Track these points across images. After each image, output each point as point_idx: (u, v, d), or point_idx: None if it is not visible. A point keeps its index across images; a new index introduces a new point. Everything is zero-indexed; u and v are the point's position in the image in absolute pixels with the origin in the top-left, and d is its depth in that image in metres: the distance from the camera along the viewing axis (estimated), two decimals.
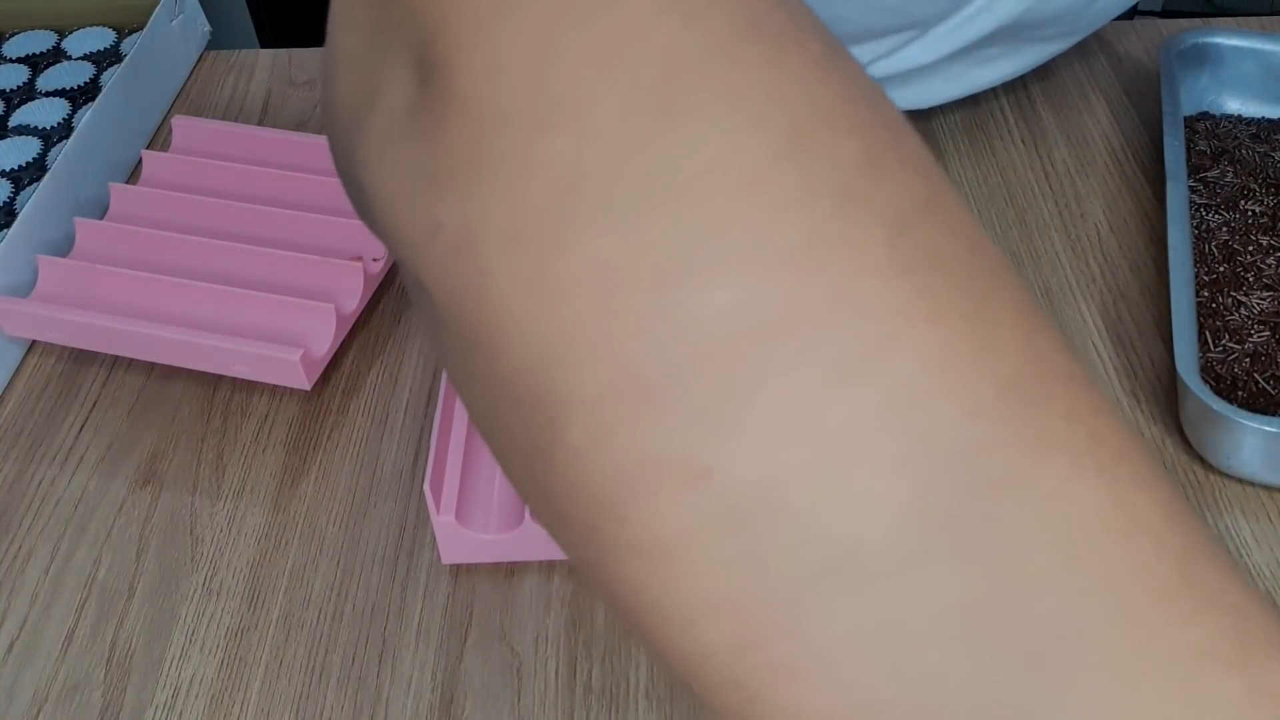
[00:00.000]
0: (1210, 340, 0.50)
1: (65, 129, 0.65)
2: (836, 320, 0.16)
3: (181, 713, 0.42)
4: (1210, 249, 0.54)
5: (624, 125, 0.17)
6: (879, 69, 0.59)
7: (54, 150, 0.64)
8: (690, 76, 0.17)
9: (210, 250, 0.56)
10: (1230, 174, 0.58)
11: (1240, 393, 0.48)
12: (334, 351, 0.53)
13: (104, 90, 0.62)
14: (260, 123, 0.69)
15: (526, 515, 0.44)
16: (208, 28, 0.74)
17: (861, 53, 0.58)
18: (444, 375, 0.48)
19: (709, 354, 0.16)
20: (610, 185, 0.17)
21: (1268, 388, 0.48)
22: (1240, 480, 0.48)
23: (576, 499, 0.17)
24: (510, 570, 0.46)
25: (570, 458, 0.17)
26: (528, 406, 0.17)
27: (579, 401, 0.17)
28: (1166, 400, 0.51)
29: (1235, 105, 0.64)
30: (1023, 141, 0.65)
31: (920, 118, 0.67)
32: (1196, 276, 0.53)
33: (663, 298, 0.16)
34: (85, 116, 0.60)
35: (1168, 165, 0.56)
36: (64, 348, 0.55)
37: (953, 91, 0.64)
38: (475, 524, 0.45)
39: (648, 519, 0.17)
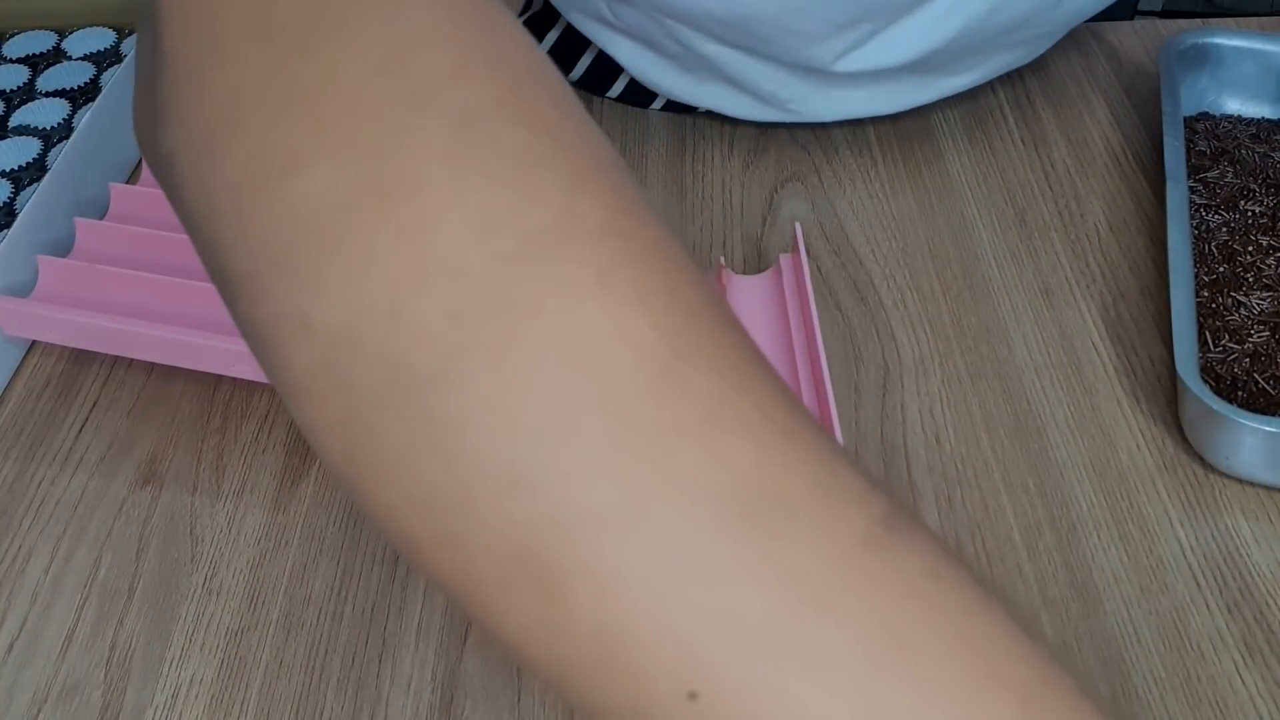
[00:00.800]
0: (1210, 340, 0.50)
1: (65, 129, 0.65)
2: (400, 192, 0.21)
3: (181, 713, 0.42)
4: (1210, 249, 0.54)
5: (262, 58, 0.23)
6: (849, 64, 0.59)
7: (54, 150, 0.64)
8: (312, 21, 0.23)
9: None
10: (1230, 174, 0.58)
11: (1240, 393, 0.48)
12: None
13: (104, 90, 0.62)
14: None
15: None
16: None
17: (828, 48, 0.58)
18: None
19: (311, 225, 0.22)
20: (248, 102, 0.23)
21: (1268, 388, 0.48)
22: (1240, 480, 0.48)
23: (254, 352, 0.24)
24: None
25: (241, 322, 0.24)
26: (219, 282, 0.25)
27: (239, 277, 0.23)
28: (1166, 400, 0.51)
29: (1235, 105, 0.64)
30: (1023, 141, 0.65)
31: (920, 118, 0.67)
32: (1196, 276, 0.53)
33: (282, 184, 0.22)
34: (85, 116, 0.60)
35: (1168, 165, 0.56)
36: (64, 348, 0.55)
37: (925, 96, 0.64)
38: None
39: (279, 365, 0.23)
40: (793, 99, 0.63)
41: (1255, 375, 0.49)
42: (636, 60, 0.64)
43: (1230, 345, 0.50)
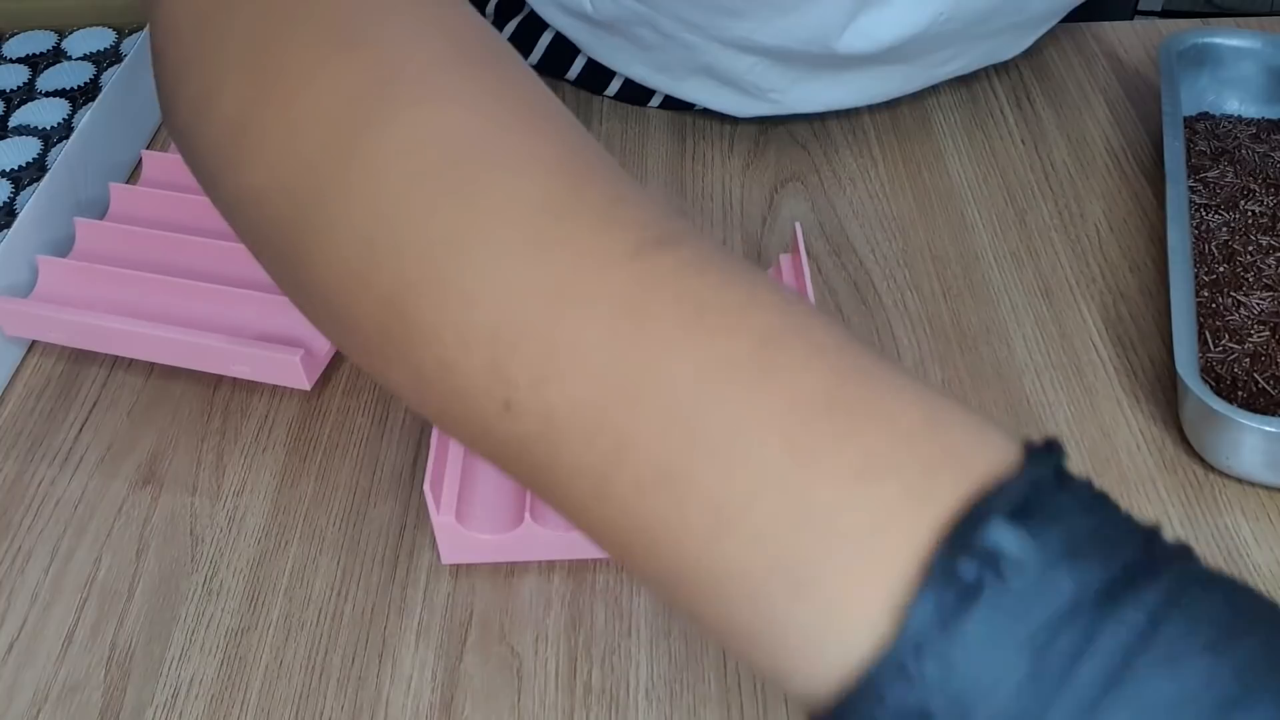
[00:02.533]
0: (1210, 340, 0.50)
1: (65, 129, 0.65)
2: (284, 81, 0.29)
3: (181, 713, 0.42)
4: (1210, 249, 0.54)
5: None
6: (850, 44, 0.58)
7: (54, 150, 0.64)
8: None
9: (210, 250, 0.56)
10: (1230, 174, 0.58)
11: (1240, 393, 0.48)
12: (334, 351, 0.53)
13: (104, 90, 0.62)
14: None
15: (526, 515, 0.44)
16: None
17: (808, 19, 0.57)
18: None
19: (231, 128, 0.30)
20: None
21: (1268, 388, 0.48)
22: (1240, 480, 0.48)
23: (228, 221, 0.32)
24: (510, 570, 0.46)
25: (218, 201, 0.32)
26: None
27: (202, 172, 0.32)
28: (1166, 400, 0.51)
29: (1235, 105, 0.64)
30: (1023, 141, 0.65)
31: (920, 118, 0.67)
32: (1196, 276, 0.53)
33: (208, 107, 0.31)
34: (85, 116, 0.60)
35: (1168, 165, 0.56)
36: (64, 348, 0.55)
37: (908, 86, 0.65)
38: (475, 524, 0.45)
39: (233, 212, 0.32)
40: (774, 89, 0.62)
41: (1255, 375, 0.49)
42: (616, 57, 0.64)
43: (1230, 345, 0.50)
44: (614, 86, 0.68)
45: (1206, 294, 0.52)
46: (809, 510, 0.22)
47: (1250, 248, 0.54)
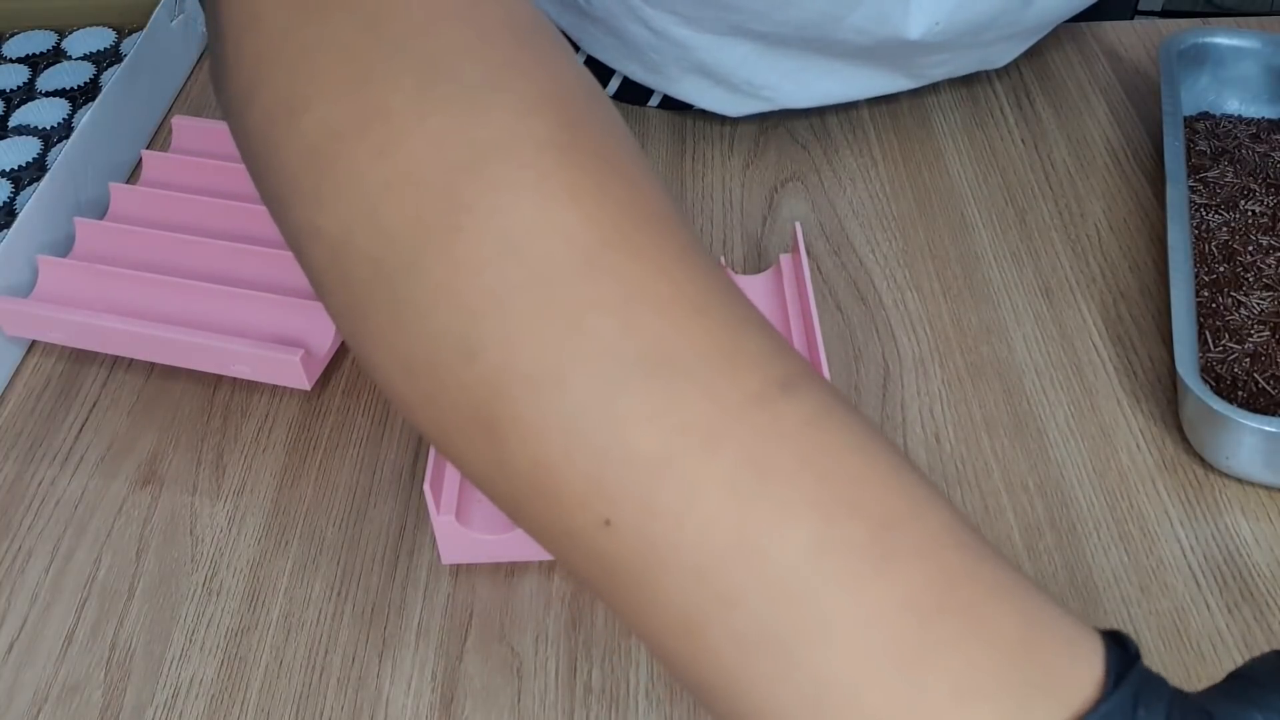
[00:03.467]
0: (1210, 340, 0.50)
1: (65, 129, 0.65)
2: (374, 122, 0.27)
3: (181, 713, 0.42)
4: (1210, 249, 0.54)
5: (282, 23, 0.29)
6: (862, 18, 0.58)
7: (54, 150, 0.64)
8: None
9: (210, 250, 0.56)
10: (1230, 174, 0.58)
11: (1240, 393, 0.48)
12: (334, 351, 0.53)
13: (104, 90, 0.62)
14: None
15: None
16: None
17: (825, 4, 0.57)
18: None
19: (312, 154, 0.28)
20: (269, 59, 0.29)
21: (1268, 388, 0.48)
22: (1240, 480, 0.48)
23: (295, 255, 0.30)
24: (510, 570, 0.46)
25: (281, 233, 0.30)
26: (265, 202, 0.30)
27: (272, 198, 0.29)
28: (1166, 400, 0.51)
29: (1235, 105, 0.64)
30: (1023, 141, 0.65)
31: (920, 118, 0.67)
32: (1196, 276, 0.53)
33: (290, 123, 0.28)
34: (85, 116, 0.60)
35: (1168, 165, 0.56)
36: (64, 348, 0.55)
37: (898, 85, 0.65)
38: (475, 524, 0.45)
39: (305, 265, 0.29)
40: (766, 85, 0.62)
41: (1255, 375, 0.49)
42: (610, 56, 0.64)
43: (1230, 345, 0.50)
44: (613, 86, 0.68)
45: (1206, 294, 0.52)
46: (907, 715, 0.22)
47: (1250, 248, 0.54)
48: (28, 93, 0.68)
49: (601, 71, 0.67)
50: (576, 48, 0.67)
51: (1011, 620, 0.23)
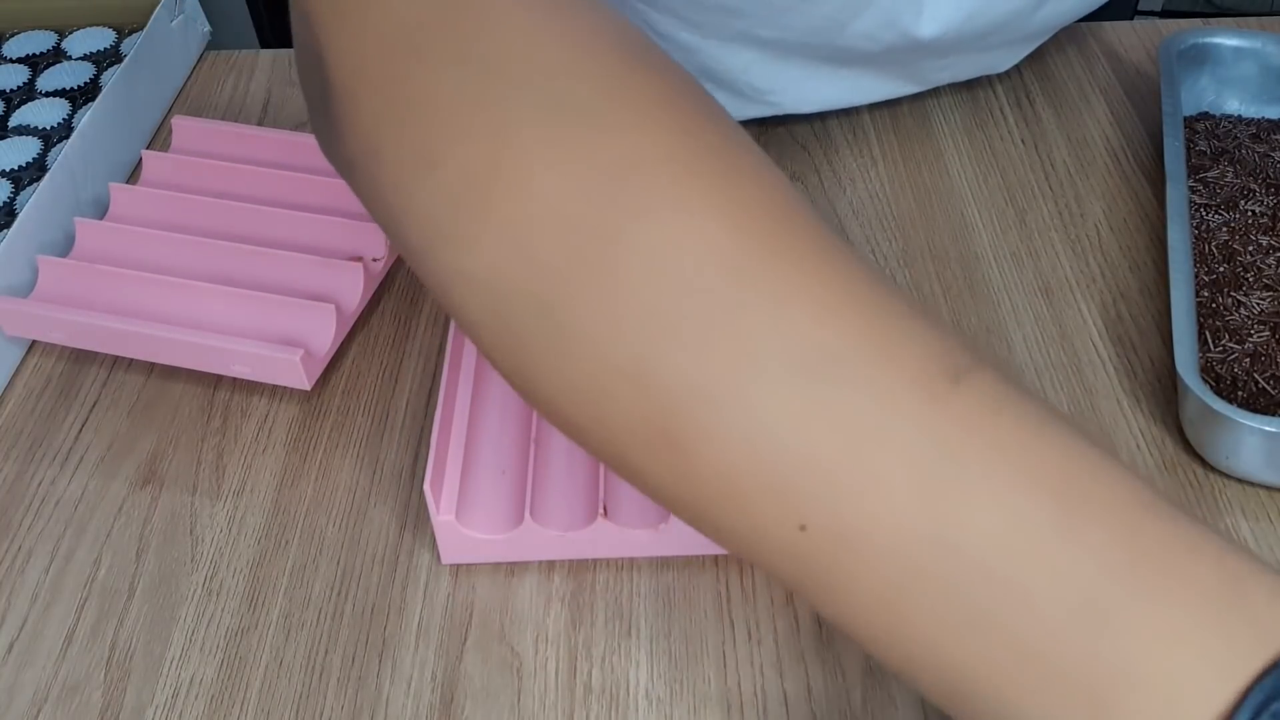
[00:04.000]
0: (1210, 340, 0.50)
1: (65, 129, 0.65)
2: (505, 166, 0.28)
3: (181, 713, 0.42)
4: (1210, 249, 0.54)
5: (397, 79, 0.30)
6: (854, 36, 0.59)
7: (54, 150, 0.64)
8: (435, 45, 0.30)
9: (210, 250, 0.56)
10: (1230, 174, 0.58)
11: (1240, 393, 0.48)
12: (334, 351, 0.53)
13: (104, 90, 0.62)
14: (260, 123, 0.69)
15: (527, 515, 0.44)
16: (208, 28, 0.74)
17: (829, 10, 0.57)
18: (444, 376, 0.48)
19: (455, 202, 0.29)
20: (390, 116, 0.30)
21: (1268, 388, 0.48)
22: (1240, 480, 0.48)
23: (437, 299, 0.31)
24: (510, 570, 0.46)
25: (423, 278, 0.30)
26: (402, 251, 0.31)
27: (414, 248, 0.30)
28: (1166, 400, 0.51)
29: (1235, 105, 0.64)
30: (1023, 141, 0.65)
31: (920, 118, 0.67)
32: (1196, 276, 0.53)
33: (429, 176, 0.29)
34: (85, 116, 0.60)
35: (1168, 165, 0.56)
36: (64, 348, 0.55)
37: (903, 89, 0.65)
38: (475, 524, 0.45)
39: (455, 310, 0.30)
40: (771, 90, 0.62)
41: (1255, 375, 0.49)
42: None
43: (1230, 345, 0.50)
44: None
45: (1206, 294, 0.52)
46: (1110, 664, 0.23)
47: (1250, 248, 0.54)
48: (28, 93, 0.68)
49: None
50: None
51: (1206, 569, 0.23)
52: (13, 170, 0.63)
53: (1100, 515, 0.24)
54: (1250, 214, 0.56)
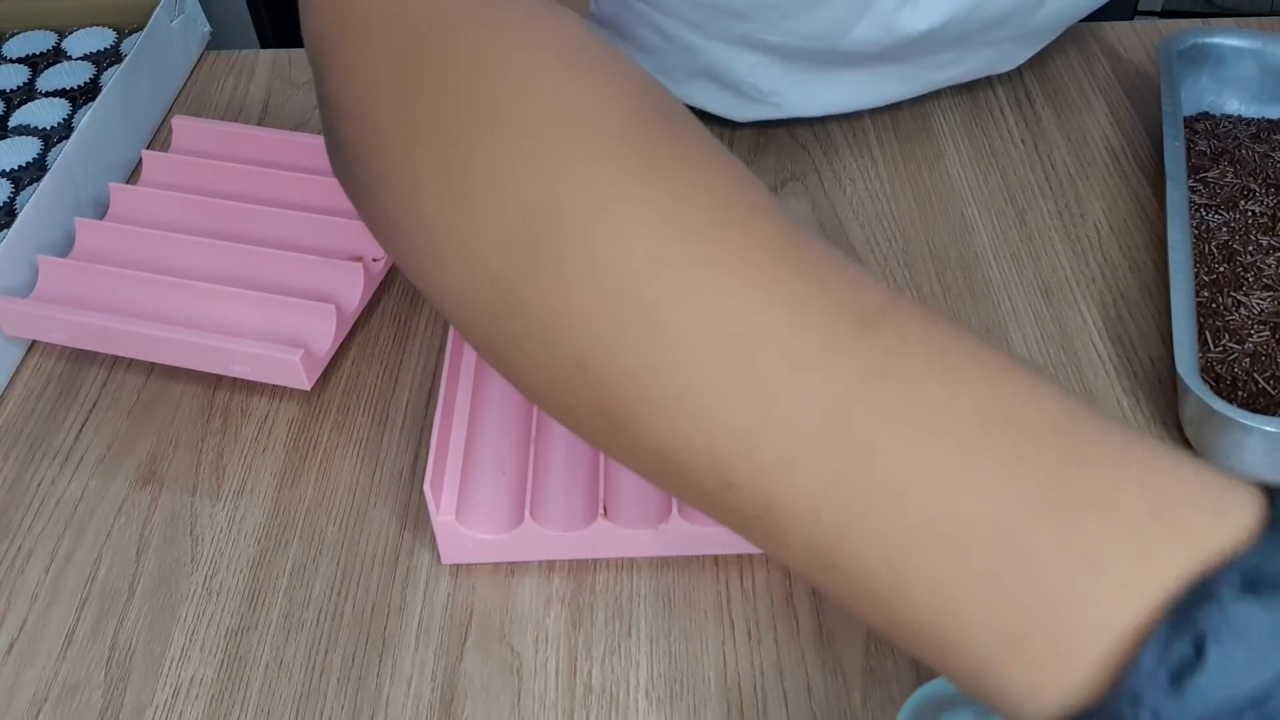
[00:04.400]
0: (1210, 340, 0.50)
1: (65, 129, 0.65)
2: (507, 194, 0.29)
3: (181, 713, 0.42)
4: (1210, 249, 0.54)
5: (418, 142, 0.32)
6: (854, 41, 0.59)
7: (54, 150, 0.64)
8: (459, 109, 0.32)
9: (210, 250, 0.56)
10: (1230, 174, 0.58)
11: (1240, 393, 0.48)
12: (334, 351, 0.53)
13: (104, 90, 0.62)
14: (260, 123, 0.69)
15: (527, 515, 0.44)
16: (208, 28, 0.74)
17: (808, 20, 0.58)
18: (444, 376, 0.48)
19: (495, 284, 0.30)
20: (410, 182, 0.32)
21: (1268, 388, 0.48)
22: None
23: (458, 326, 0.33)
24: (510, 570, 0.46)
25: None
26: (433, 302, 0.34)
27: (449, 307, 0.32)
28: (1166, 400, 0.51)
29: (1235, 105, 0.64)
30: (1023, 141, 0.65)
31: (920, 118, 0.67)
32: (1196, 276, 0.53)
33: (464, 254, 0.31)
34: (85, 116, 0.60)
35: (1168, 165, 0.56)
36: (64, 348, 0.55)
37: (906, 90, 0.65)
38: (475, 524, 0.45)
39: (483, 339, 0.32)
40: (774, 91, 0.62)
41: (1255, 375, 0.49)
42: None
43: (1230, 345, 0.50)
44: None
45: (1206, 294, 0.52)
46: (1024, 595, 0.23)
47: (1250, 248, 0.54)
48: (28, 93, 0.68)
49: None
50: None
51: (1136, 496, 0.23)
52: (13, 170, 0.63)
53: (1014, 445, 0.24)
54: (1250, 214, 0.56)
